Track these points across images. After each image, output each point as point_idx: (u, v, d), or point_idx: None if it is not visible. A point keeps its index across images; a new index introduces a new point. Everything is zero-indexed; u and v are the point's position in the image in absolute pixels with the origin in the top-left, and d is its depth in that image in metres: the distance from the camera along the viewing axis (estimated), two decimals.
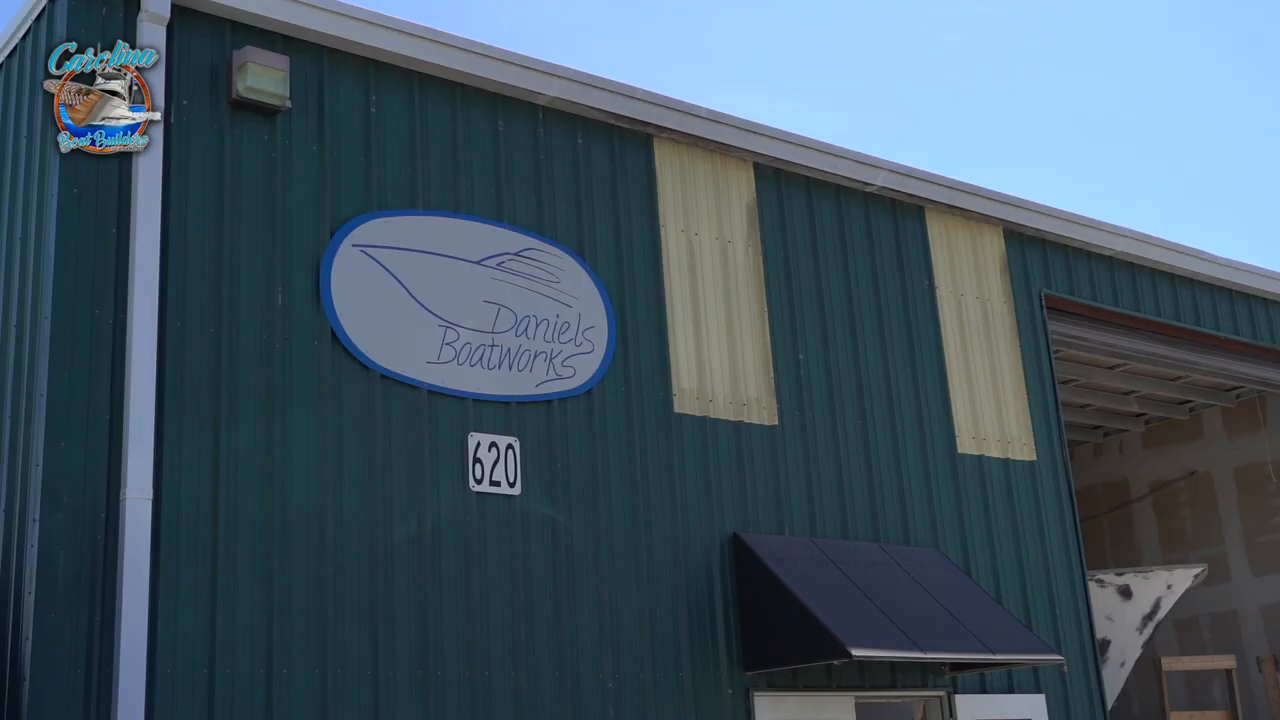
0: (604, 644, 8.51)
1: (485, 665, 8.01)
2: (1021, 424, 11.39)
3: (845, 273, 10.65)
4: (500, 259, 8.85)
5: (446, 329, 8.47)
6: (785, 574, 8.99)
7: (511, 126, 9.19)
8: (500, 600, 8.19)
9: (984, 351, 11.34)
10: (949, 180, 11.34)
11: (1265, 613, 16.70)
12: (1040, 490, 11.31)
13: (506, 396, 8.59)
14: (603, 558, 8.68)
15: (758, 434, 9.69)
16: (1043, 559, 11.10)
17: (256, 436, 7.61)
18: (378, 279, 8.30)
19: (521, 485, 8.47)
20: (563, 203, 9.26)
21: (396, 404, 8.16)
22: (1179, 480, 17.64)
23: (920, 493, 10.48)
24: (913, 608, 9.34)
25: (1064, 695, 10.80)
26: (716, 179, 10.16)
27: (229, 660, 7.19)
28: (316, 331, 8.00)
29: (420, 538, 8.00)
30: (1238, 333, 13.49)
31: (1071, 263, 12.31)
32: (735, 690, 8.98)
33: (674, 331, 9.53)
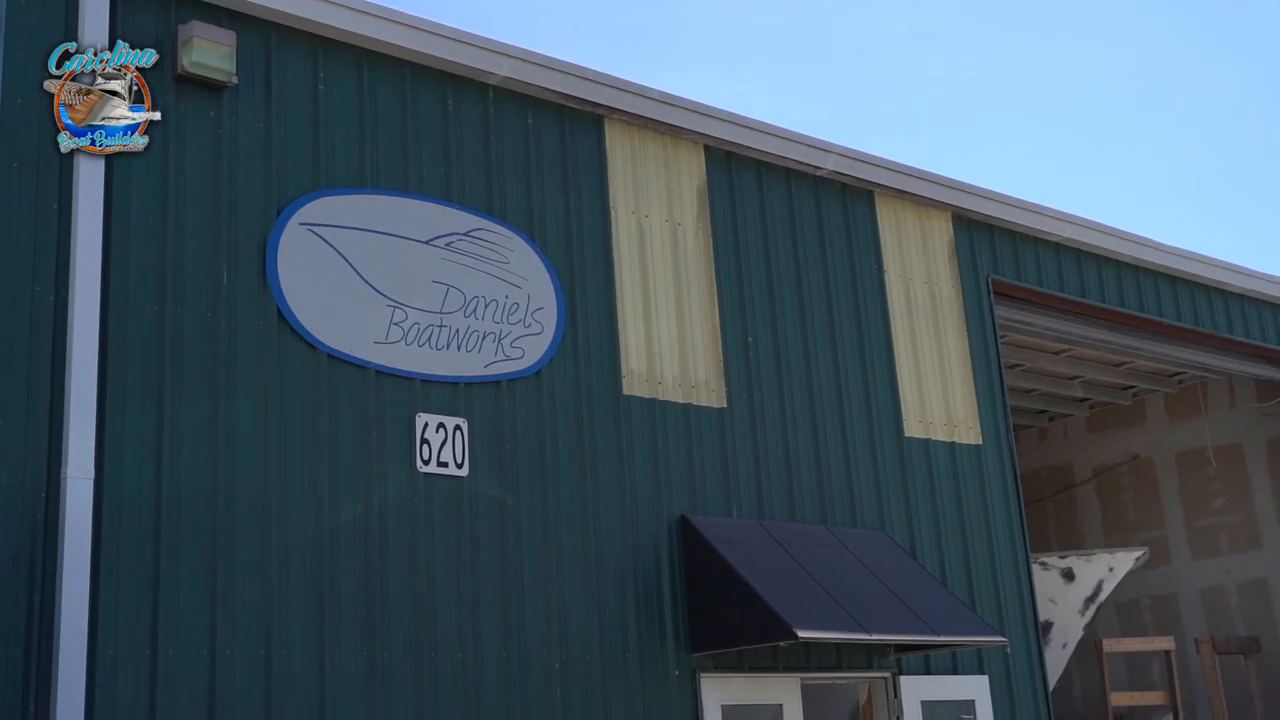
0: (551, 626, 8.51)
1: (432, 647, 7.99)
2: (968, 408, 11.48)
3: (795, 256, 10.67)
4: (449, 239, 8.81)
5: (395, 309, 8.42)
6: (732, 556, 9.03)
7: (461, 106, 9.14)
8: (447, 581, 8.16)
9: (931, 336, 11.41)
10: (899, 165, 11.39)
11: (1204, 595, 16.98)
12: (985, 474, 11.41)
13: (455, 377, 8.56)
14: (551, 539, 8.68)
15: (706, 416, 9.71)
16: (987, 542, 11.21)
17: (201, 415, 7.53)
18: (325, 258, 8.23)
19: (470, 466, 8.44)
20: (513, 183, 9.22)
21: (344, 384, 8.10)
22: (1122, 464, 17.88)
23: (867, 475, 10.54)
24: (858, 590, 9.41)
25: (1007, 676, 10.92)
26: (667, 161, 10.15)
27: (171, 642, 7.12)
28: (262, 310, 7.92)
29: (367, 518, 7.96)
30: (1180, 319, 13.66)
31: (1019, 248, 12.41)
32: (682, 671, 9.01)
33: (623, 313, 9.52)
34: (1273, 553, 16.42)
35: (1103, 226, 12.89)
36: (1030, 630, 11.29)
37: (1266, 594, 16.42)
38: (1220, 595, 16.82)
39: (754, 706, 9.42)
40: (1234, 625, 16.54)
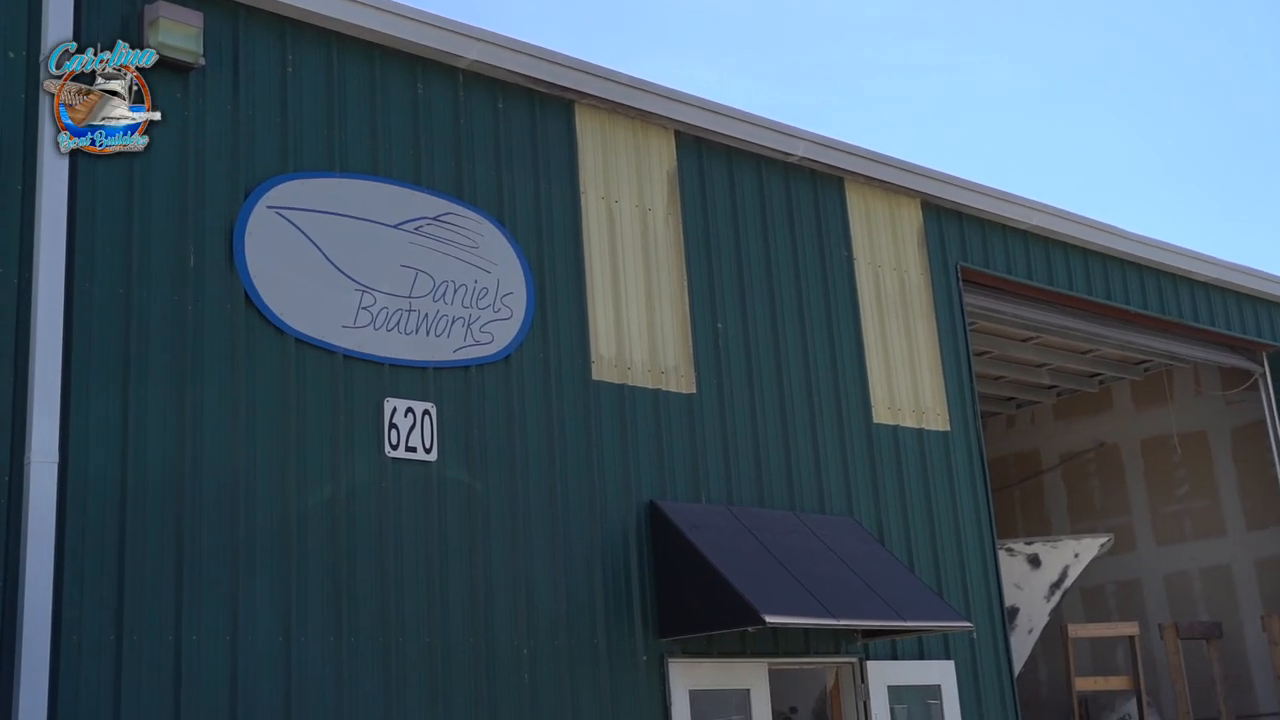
0: (519, 611, 8.50)
1: (399, 632, 7.97)
2: (936, 395, 11.53)
3: (764, 242, 10.68)
4: (418, 223, 8.77)
5: (363, 293, 8.38)
6: (701, 541, 9.04)
7: (431, 89, 9.09)
8: (415, 567, 8.14)
9: (900, 323, 11.45)
10: (868, 152, 11.40)
11: (1168, 581, 17.13)
12: (953, 460, 11.47)
13: (423, 362, 8.53)
14: (519, 524, 8.67)
15: (675, 402, 9.71)
16: (954, 528, 11.27)
17: (167, 400, 7.48)
18: (293, 242, 8.18)
19: (438, 451, 8.42)
20: (482, 167, 9.18)
21: (311, 368, 8.06)
22: (1088, 452, 18.00)
23: (835, 462, 10.58)
24: (826, 575, 9.44)
25: (973, 661, 11.00)
26: (637, 146, 10.13)
27: (136, 627, 7.08)
28: (230, 294, 7.87)
29: (335, 503, 7.93)
30: (1146, 307, 13.75)
31: (987, 236, 12.46)
32: (650, 657, 9.02)
33: (593, 299, 9.51)
34: (1236, 539, 16.58)
35: (1071, 214, 12.95)
36: (996, 616, 11.36)
37: (1229, 580, 16.59)
38: (1184, 581, 16.98)
39: (721, 691, 9.45)
40: (1197, 611, 16.70)
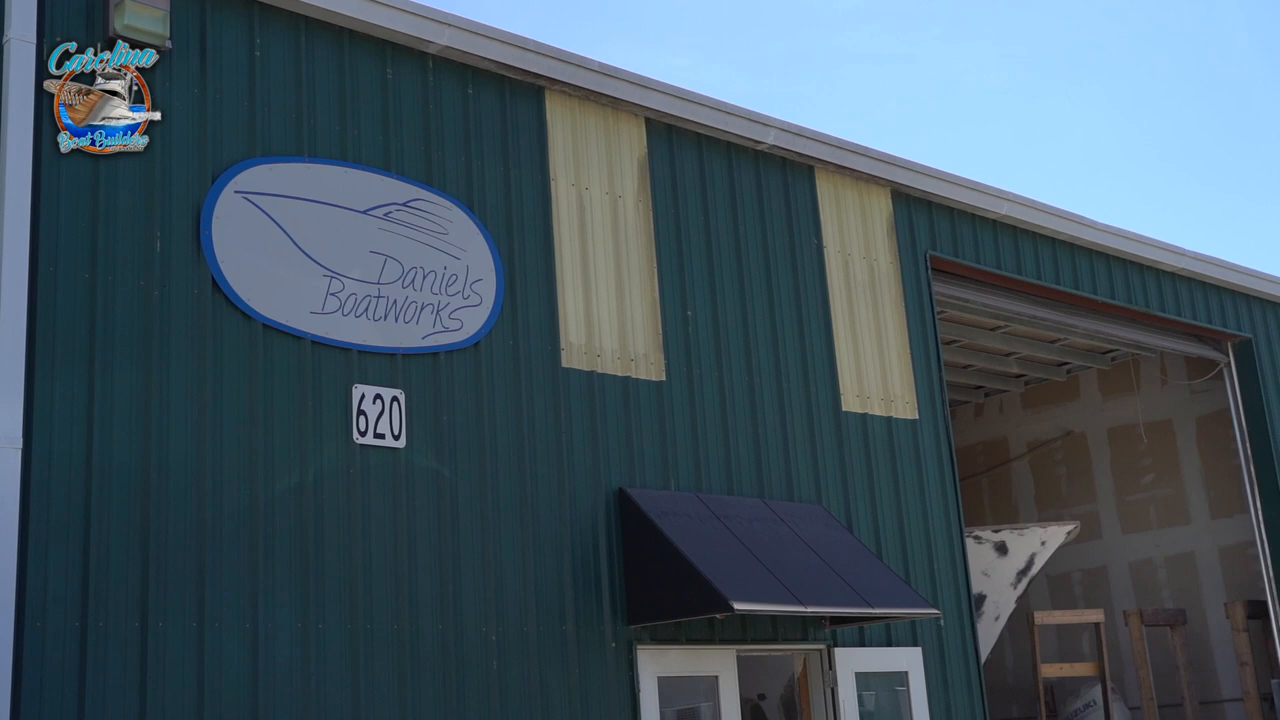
0: (488, 597, 8.50)
1: (367, 619, 7.95)
2: (905, 383, 11.57)
3: (735, 230, 10.69)
4: (387, 209, 8.73)
5: (331, 279, 8.34)
6: (670, 528, 9.06)
7: (400, 75, 9.04)
8: (383, 553, 8.12)
9: (869, 311, 11.48)
10: (839, 140, 11.42)
11: (1133, 569, 17.28)
12: (921, 448, 11.52)
13: (392, 348, 8.50)
14: (488, 511, 8.66)
15: (645, 389, 9.71)
16: (922, 515, 11.33)
17: (133, 385, 7.43)
18: (261, 227, 8.13)
19: (406, 438, 8.40)
20: (452, 154, 9.15)
21: (279, 354, 8.02)
22: (1055, 440, 18.12)
23: (804, 449, 10.61)
24: (795, 562, 9.47)
25: (940, 648, 11.06)
26: (608, 133, 10.12)
27: (102, 614, 7.04)
28: (197, 279, 7.82)
29: (303, 489, 7.90)
30: (1114, 297, 13.83)
31: (957, 225, 12.50)
32: (618, 643, 9.04)
33: (563, 286, 9.49)
34: (1200, 527, 16.73)
35: (1040, 204, 13.01)
36: (963, 603, 11.43)
37: (1193, 568, 16.74)
38: (1149, 569, 17.13)
39: (690, 678, 9.48)
40: (1162, 598, 16.86)
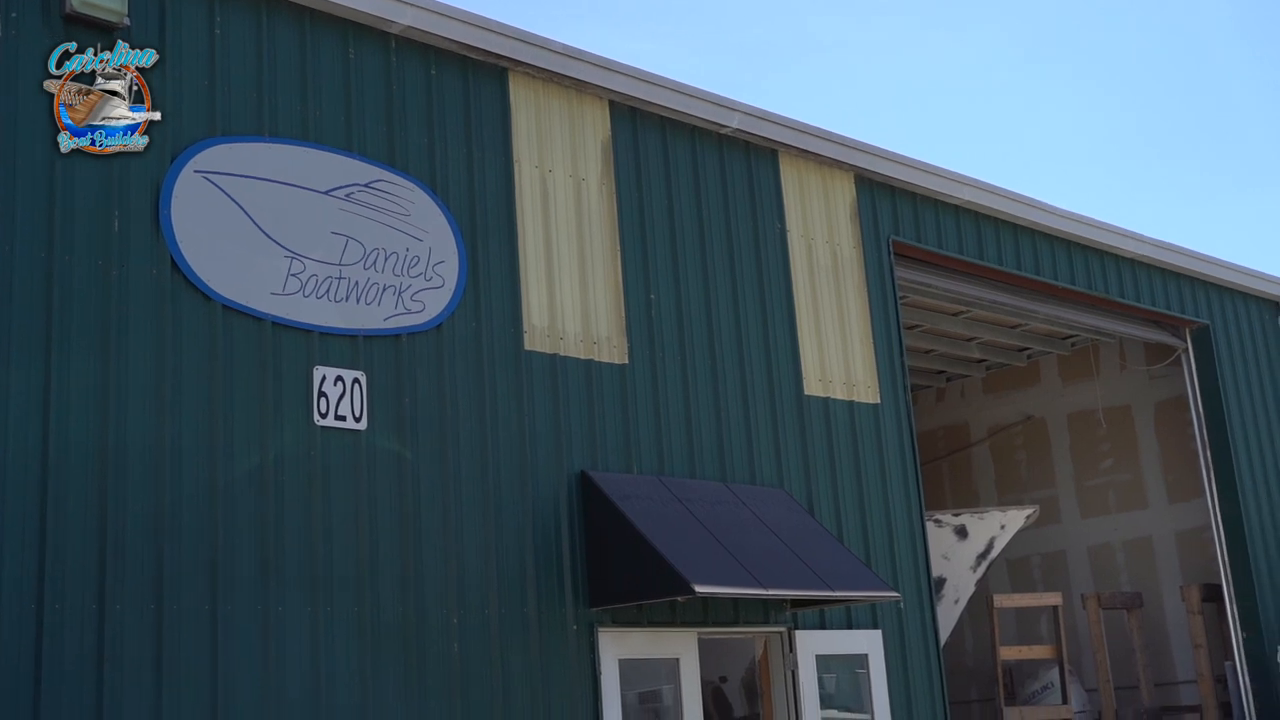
0: (449, 580, 8.48)
1: (328, 601, 7.92)
2: (867, 368, 11.62)
3: (698, 214, 10.69)
4: (349, 190, 8.67)
5: (292, 260, 8.28)
6: (632, 511, 9.07)
7: (363, 55, 8.98)
8: (344, 536, 8.09)
9: (832, 296, 11.51)
10: (803, 125, 11.43)
11: (1091, 553, 17.44)
12: (883, 433, 11.57)
13: (353, 330, 8.46)
14: (450, 494, 8.64)
15: (608, 372, 9.71)
16: (883, 499, 11.38)
17: (90, 366, 7.35)
18: (221, 207, 8.07)
19: (368, 420, 8.36)
20: (414, 135, 9.10)
21: (239, 335, 7.96)
22: (1016, 425, 18.25)
23: (767, 433, 10.63)
24: (756, 546, 9.50)
25: (900, 631, 11.13)
26: (572, 116, 10.09)
27: (58, 596, 6.98)
28: (155, 259, 7.74)
29: (263, 471, 7.85)
30: (1074, 283, 13.93)
31: (919, 210, 12.55)
32: (580, 626, 9.04)
33: (526, 268, 9.47)
34: (1157, 512, 16.90)
35: (1001, 190, 13.08)
36: (923, 586, 11.50)
37: (1150, 552, 16.92)
38: (1107, 553, 17.30)
39: (651, 660, 9.50)
40: (1119, 582, 17.03)
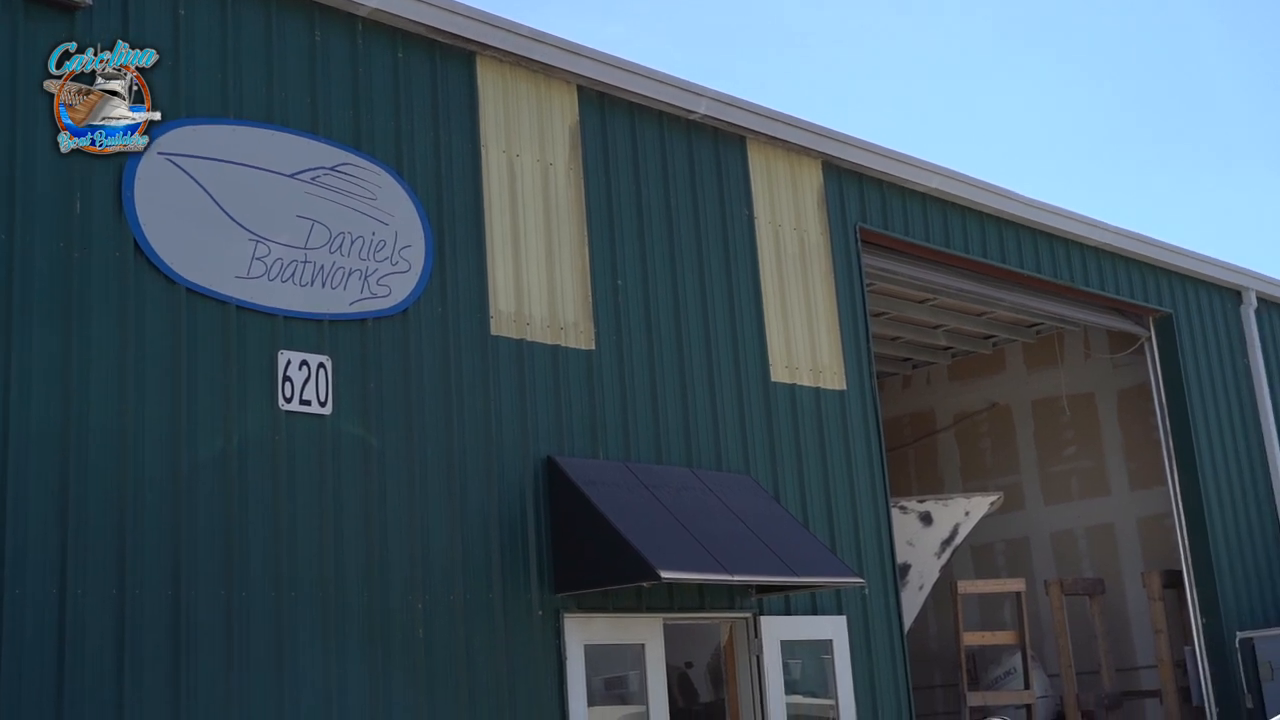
0: (414, 566, 8.46)
1: (292, 586, 7.89)
2: (833, 354, 11.65)
3: (666, 200, 10.68)
4: (315, 173, 8.62)
5: (257, 243, 8.23)
6: (597, 497, 9.07)
7: (329, 37, 8.91)
8: (309, 521, 8.06)
9: (799, 282, 11.53)
10: (771, 111, 11.43)
11: (1054, 539, 17.57)
12: (849, 419, 11.61)
13: (319, 314, 8.41)
14: (415, 479, 8.61)
15: (574, 358, 9.70)
16: (849, 486, 11.42)
17: (51, 349, 7.29)
18: (185, 189, 8.00)
19: (333, 405, 8.32)
20: (381, 118, 9.04)
21: (203, 319, 7.91)
22: (981, 412, 18.35)
23: (733, 419, 10.65)
24: (722, 532, 9.52)
25: (864, 617, 11.18)
26: (539, 100, 10.05)
27: (18, 582, 6.92)
28: (118, 241, 7.68)
29: (226, 456, 7.81)
30: (1039, 271, 14.00)
31: (886, 197, 12.58)
32: (545, 612, 9.04)
33: (493, 253, 9.44)
34: (1119, 498, 17.04)
35: (968, 178, 13.12)
36: (888, 572, 11.56)
37: (1112, 538, 17.06)
38: (1069, 539, 17.44)
39: (617, 646, 9.52)
40: (1082, 568, 17.16)
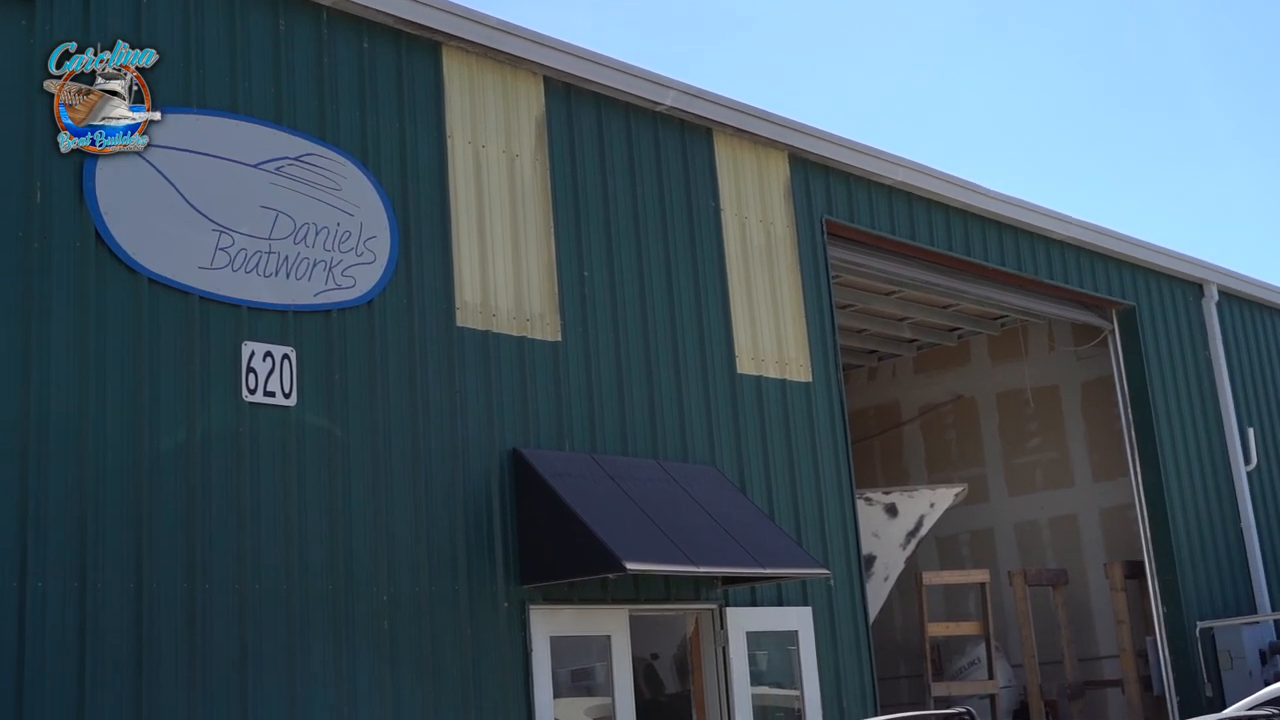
0: (379, 557, 8.44)
1: (256, 578, 7.86)
2: (799, 346, 11.68)
3: (632, 191, 10.68)
4: (279, 163, 8.57)
5: (221, 234, 8.18)
6: (563, 489, 9.06)
7: (293, 27, 8.86)
8: (273, 512, 8.02)
9: (765, 274, 11.55)
10: (737, 103, 11.44)
11: (1018, 530, 17.70)
12: (815, 411, 11.64)
13: (283, 305, 8.37)
14: (380, 471, 8.59)
15: (540, 349, 9.69)
16: (815, 477, 11.46)
17: (11, 339, 7.23)
18: (147, 179, 7.94)
19: (297, 396, 8.29)
20: (346, 109, 9.00)
21: (165, 310, 7.86)
22: (946, 404, 18.44)
23: (699, 411, 10.67)
24: (688, 523, 9.54)
25: (830, 608, 11.23)
26: (506, 91, 10.03)
27: None
28: (80, 231, 7.62)
29: (189, 447, 7.77)
30: (1004, 264, 14.08)
31: (853, 190, 12.61)
32: (511, 603, 9.04)
33: (458, 244, 9.41)
34: (1083, 490, 17.18)
35: (934, 171, 13.18)
36: (853, 563, 11.61)
37: (1075, 529, 17.20)
38: (1033, 530, 17.56)
39: (583, 638, 9.53)
40: (1045, 559, 17.29)
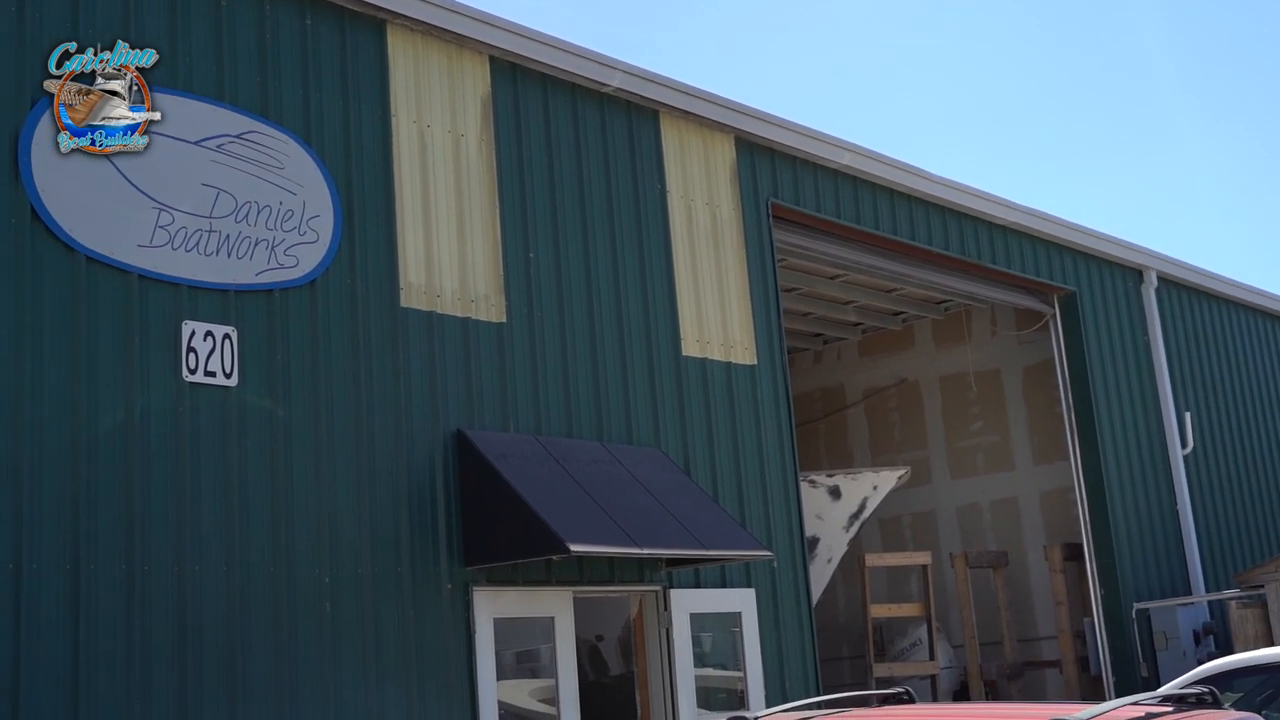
0: (321, 539, 8.39)
1: (195, 560, 7.79)
2: (744, 329, 11.71)
3: (578, 172, 10.65)
4: (220, 141, 8.47)
5: (160, 211, 8.07)
6: (507, 470, 9.05)
7: (235, 4, 8.74)
8: (213, 493, 7.95)
9: (711, 257, 11.57)
10: (684, 85, 11.43)
11: (960, 513, 17.88)
12: (759, 394, 11.69)
13: (224, 284, 8.28)
14: (323, 452, 8.53)
15: (485, 330, 9.65)
16: (759, 460, 11.51)
17: None
18: (85, 155, 7.81)
19: (239, 376, 8.21)
20: (289, 86, 8.90)
21: (103, 288, 7.75)
22: (890, 388, 18.58)
23: (644, 393, 10.68)
24: (632, 505, 9.56)
25: (773, 589, 11.29)
26: (451, 71, 9.96)
27: None
28: (14, 208, 7.49)
29: (128, 428, 7.67)
30: (948, 248, 14.18)
31: (799, 173, 12.65)
32: (454, 585, 9.02)
33: (403, 224, 9.35)
34: (1023, 473, 17.38)
35: (879, 155, 13.23)
36: (797, 545, 11.68)
37: (1016, 512, 17.40)
38: (975, 513, 17.75)
39: (526, 619, 9.53)
40: (986, 541, 17.48)
